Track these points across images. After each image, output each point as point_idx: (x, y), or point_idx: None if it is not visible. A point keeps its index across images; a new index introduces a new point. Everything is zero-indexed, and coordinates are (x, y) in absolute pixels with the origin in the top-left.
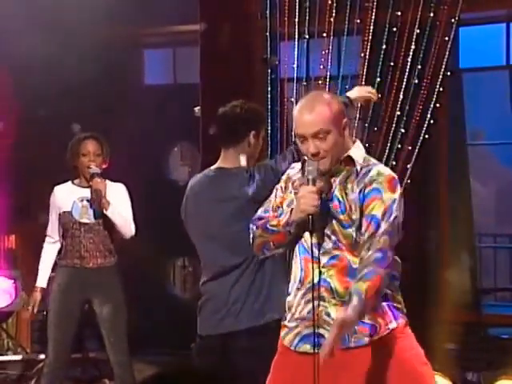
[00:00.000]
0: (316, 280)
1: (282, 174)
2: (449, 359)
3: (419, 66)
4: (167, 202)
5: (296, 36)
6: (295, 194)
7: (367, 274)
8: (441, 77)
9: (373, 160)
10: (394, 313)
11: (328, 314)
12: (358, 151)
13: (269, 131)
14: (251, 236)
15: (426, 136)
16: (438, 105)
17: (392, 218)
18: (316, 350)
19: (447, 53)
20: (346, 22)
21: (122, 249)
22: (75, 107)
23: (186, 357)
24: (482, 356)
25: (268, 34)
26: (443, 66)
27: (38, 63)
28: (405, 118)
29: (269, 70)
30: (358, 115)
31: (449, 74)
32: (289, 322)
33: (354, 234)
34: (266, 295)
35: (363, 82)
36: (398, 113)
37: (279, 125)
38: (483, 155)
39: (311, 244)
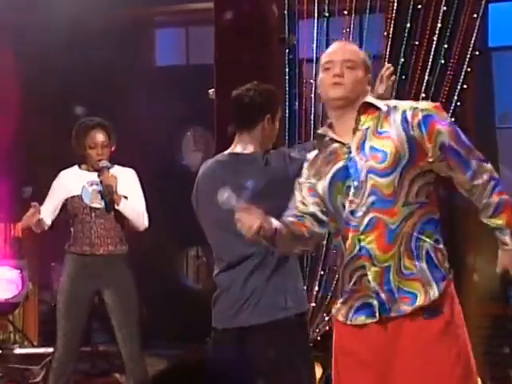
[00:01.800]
0: (357, 250)
1: (301, 163)
2: (475, 353)
3: (445, 46)
4: (179, 189)
5: (315, 14)
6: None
7: (498, 207)
8: (468, 57)
9: (394, 101)
10: (437, 280)
11: (368, 281)
12: (372, 99)
13: (286, 114)
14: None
15: (453, 119)
16: (465, 86)
17: (463, 138)
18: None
19: (475, 31)
20: None
21: (132, 238)
22: (85, 89)
23: (199, 350)
24: (509, 350)
25: (286, 12)
26: (471, 45)
27: (49, 45)
28: (430, 101)
29: (287, 50)
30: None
31: (477, 53)
32: (341, 296)
33: (397, 180)
34: (285, 288)
35: (386, 63)
36: (423, 95)
37: (297, 107)
38: None
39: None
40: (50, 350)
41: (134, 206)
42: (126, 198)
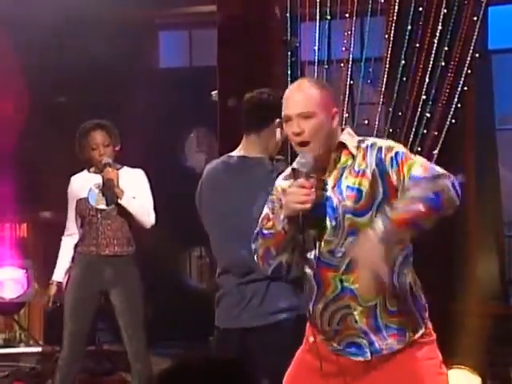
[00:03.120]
0: (339, 290)
1: None
2: (477, 353)
3: (446, 48)
4: (182, 190)
5: (317, 17)
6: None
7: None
8: (469, 59)
9: (370, 138)
10: (421, 313)
11: (356, 321)
12: (348, 136)
13: None
14: (254, 254)
15: (453, 121)
16: (465, 88)
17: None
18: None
19: (476, 34)
20: (370, 2)
21: (135, 239)
22: (89, 91)
23: (203, 349)
24: (510, 349)
25: (288, 14)
26: (471, 48)
27: (51, 48)
28: (430, 103)
29: (289, 53)
30: (381, 99)
31: (477, 55)
32: (318, 333)
33: (373, 219)
34: (287, 290)
35: (387, 65)
36: (424, 97)
37: None
38: None
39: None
40: (56, 349)
41: (140, 202)
42: (133, 198)
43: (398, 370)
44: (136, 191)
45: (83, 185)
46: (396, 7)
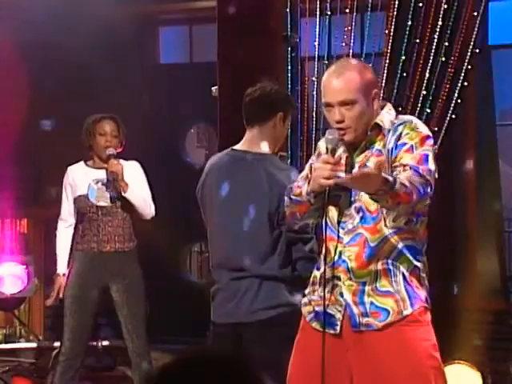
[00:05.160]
0: (335, 260)
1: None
2: (476, 349)
3: (446, 43)
4: (183, 186)
5: (317, 12)
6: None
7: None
8: (469, 54)
9: (405, 117)
10: (411, 298)
11: (341, 294)
12: (386, 116)
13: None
14: (285, 205)
15: (453, 116)
16: (465, 84)
17: (427, 164)
18: (326, 330)
19: (476, 29)
20: None
21: (136, 233)
22: (89, 86)
23: (203, 345)
24: (510, 345)
25: (288, 10)
26: (471, 43)
27: (52, 43)
28: (431, 98)
29: (289, 48)
30: (381, 95)
31: (477, 51)
32: (308, 295)
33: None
34: (281, 285)
35: (387, 60)
36: (424, 92)
37: (300, 105)
38: None
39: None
40: (56, 344)
41: (141, 194)
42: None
43: (386, 346)
44: (134, 183)
45: (82, 179)
46: (396, 2)
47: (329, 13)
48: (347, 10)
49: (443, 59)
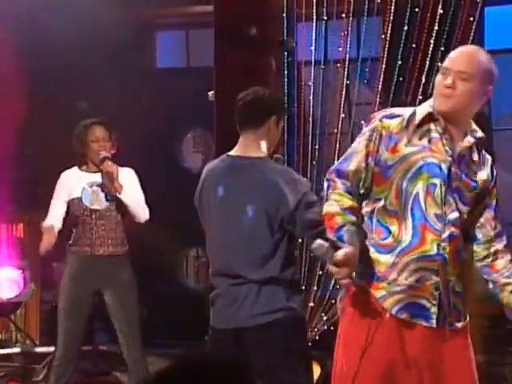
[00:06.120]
0: (435, 253)
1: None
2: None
3: (442, 48)
4: (179, 191)
5: (314, 17)
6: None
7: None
8: None
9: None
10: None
11: (436, 288)
12: (476, 127)
13: (285, 116)
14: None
15: None
16: None
17: None
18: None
19: (472, 34)
20: (366, 2)
21: (132, 238)
22: (85, 91)
23: (200, 349)
24: (506, 349)
25: (285, 15)
26: None
27: (50, 46)
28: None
29: (285, 53)
30: (378, 100)
31: None
32: (389, 284)
33: (468, 211)
34: (281, 289)
35: (384, 65)
36: (420, 97)
37: (296, 110)
38: (510, 141)
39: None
40: (52, 349)
41: (135, 195)
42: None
43: (461, 348)
44: (128, 186)
45: (75, 183)
46: (392, 7)
47: (325, 18)
48: (343, 15)
49: (439, 64)
